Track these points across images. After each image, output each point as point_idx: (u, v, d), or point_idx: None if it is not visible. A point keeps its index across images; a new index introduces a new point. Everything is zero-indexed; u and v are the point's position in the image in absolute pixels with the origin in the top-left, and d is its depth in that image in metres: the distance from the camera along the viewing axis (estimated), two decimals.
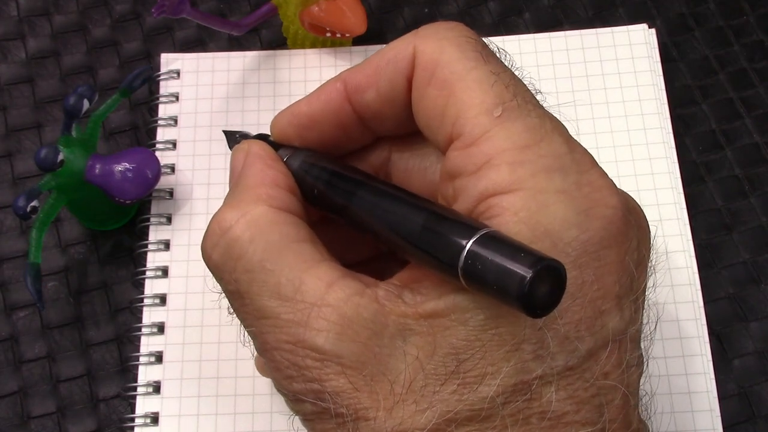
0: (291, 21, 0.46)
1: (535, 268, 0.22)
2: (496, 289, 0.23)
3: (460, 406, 0.25)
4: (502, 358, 0.25)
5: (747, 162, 0.44)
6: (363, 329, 0.26)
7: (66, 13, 0.49)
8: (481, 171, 0.26)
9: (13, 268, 0.43)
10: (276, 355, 0.27)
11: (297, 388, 0.26)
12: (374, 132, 0.31)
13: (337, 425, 0.26)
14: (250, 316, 0.27)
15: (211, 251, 0.29)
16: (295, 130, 0.31)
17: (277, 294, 0.27)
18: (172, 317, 0.41)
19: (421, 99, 0.28)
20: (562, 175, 0.26)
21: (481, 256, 0.23)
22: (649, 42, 0.46)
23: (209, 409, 0.39)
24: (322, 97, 0.30)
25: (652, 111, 0.45)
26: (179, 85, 0.46)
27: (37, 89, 0.47)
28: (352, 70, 0.30)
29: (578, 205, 0.26)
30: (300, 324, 0.26)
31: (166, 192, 0.44)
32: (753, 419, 0.39)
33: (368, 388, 0.26)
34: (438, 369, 0.25)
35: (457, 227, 0.25)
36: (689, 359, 0.40)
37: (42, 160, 0.39)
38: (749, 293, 0.42)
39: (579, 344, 0.26)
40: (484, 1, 0.49)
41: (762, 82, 0.46)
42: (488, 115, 0.26)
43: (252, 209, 0.28)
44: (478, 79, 0.27)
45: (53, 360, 0.41)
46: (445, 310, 0.25)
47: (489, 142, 0.26)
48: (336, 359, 0.26)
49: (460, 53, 0.28)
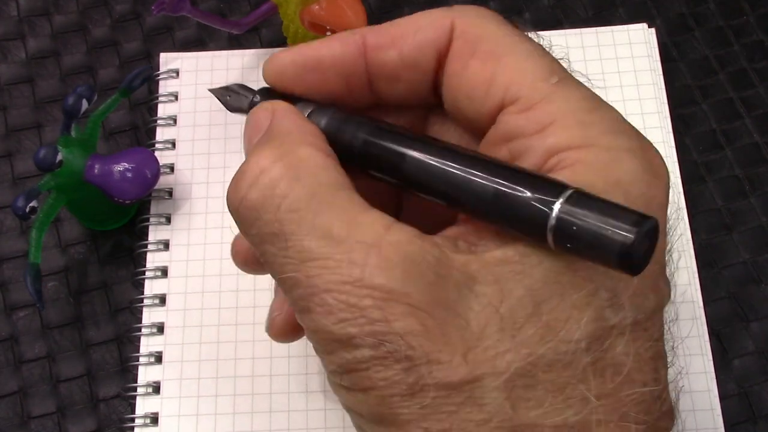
0: (291, 20, 0.45)
1: (641, 227, 0.22)
2: (592, 249, 0.23)
3: (542, 350, 0.24)
4: (583, 302, 0.24)
5: (747, 162, 0.44)
6: (429, 272, 0.24)
7: (66, 13, 0.49)
8: (548, 129, 0.26)
9: (13, 268, 0.43)
10: (327, 298, 0.24)
11: (353, 332, 0.24)
12: (377, 95, 0.30)
13: (404, 370, 0.24)
14: (294, 259, 0.25)
15: (247, 191, 0.26)
16: (296, 71, 0.29)
17: (329, 234, 0.25)
18: (172, 317, 0.41)
19: (463, 70, 0.28)
20: (628, 137, 0.27)
21: (575, 215, 0.23)
22: (649, 41, 0.46)
23: (209, 409, 0.39)
24: (336, 44, 0.29)
25: (652, 110, 0.45)
26: (178, 84, 0.46)
27: (37, 89, 0.47)
28: (373, 29, 0.29)
29: (645, 164, 0.26)
30: (357, 263, 0.24)
31: (165, 192, 0.44)
32: (753, 419, 0.39)
33: (440, 330, 0.24)
34: (514, 312, 0.24)
35: (540, 184, 0.24)
36: (690, 358, 0.40)
37: (41, 161, 0.39)
38: (749, 293, 0.42)
39: (645, 301, 0.26)
40: (484, 1, 0.49)
41: (762, 82, 0.46)
42: (545, 82, 0.27)
43: (296, 149, 0.27)
44: (528, 51, 0.28)
45: (53, 360, 0.41)
46: (515, 255, 0.25)
47: (552, 104, 0.27)
48: (404, 298, 0.24)
49: (503, 30, 0.28)
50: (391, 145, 0.28)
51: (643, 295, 0.26)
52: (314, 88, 0.30)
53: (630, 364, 0.25)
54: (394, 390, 0.24)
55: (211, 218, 0.43)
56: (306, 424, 0.39)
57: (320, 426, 0.39)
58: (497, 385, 0.24)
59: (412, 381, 0.24)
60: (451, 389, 0.24)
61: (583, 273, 0.25)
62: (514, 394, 0.24)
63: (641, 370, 0.25)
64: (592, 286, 0.25)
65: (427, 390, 0.24)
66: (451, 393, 0.24)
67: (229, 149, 0.44)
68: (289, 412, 0.39)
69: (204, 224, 0.43)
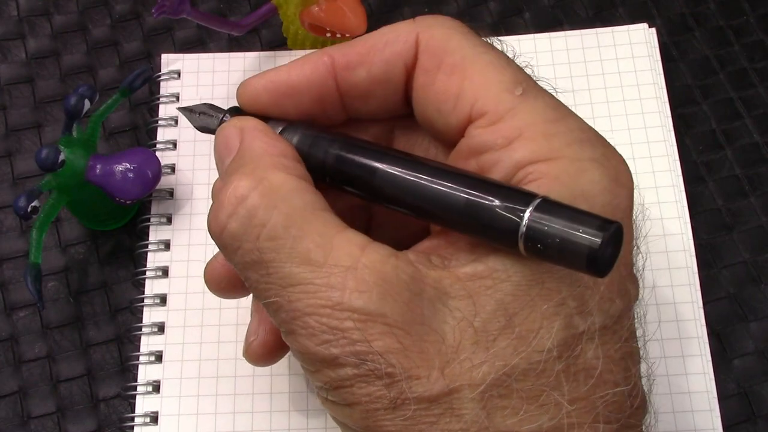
0: (291, 21, 0.46)
1: (607, 230, 0.23)
2: (561, 254, 0.23)
3: (516, 360, 0.25)
4: (552, 312, 0.25)
5: (747, 162, 0.44)
6: (404, 290, 0.25)
7: (66, 13, 0.49)
8: (515, 143, 0.27)
9: (13, 268, 0.43)
10: (310, 321, 0.26)
11: (336, 352, 0.25)
12: (350, 112, 0.31)
13: (385, 386, 0.25)
14: (275, 285, 0.26)
15: (227, 221, 0.27)
16: (270, 97, 0.30)
17: (307, 260, 0.26)
18: (172, 317, 0.41)
19: (430, 84, 0.29)
20: (592, 146, 0.27)
21: (544, 221, 0.24)
22: (650, 41, 0.46)
23: (209, 408, 0.39)
24: (306, 67, 0.30)
25: (652, 110, 0.45)
26: (180, 85, 0.46)
27: (37, 89, 0.47)
28: (341, 47, 0.30)
29: (609, 173, 0.27)
30: (336, 287, 0.25)
31: (166, 192, 0.44)
32: (753, 419, 0.39)
33: (417, 347, 0.25)
34: (488, 325, 0.25)
35: (510, 194, 0.25)
36: (689, 359, 0.40)
37: (43, 160, 0.39)
38: (749, 293, 0.42)
39: (611, 306, 0.26)
40: (484, 1, 0.49)
41: (762, 82, 0.46)
42: (510, 93, 0.27)
43: (270, 176, 0.27)
44: (492, 62, 0.28)
45: (53, 360, 0.41)
46: (485, 270, 0.26)
47: (518, 117, 0.27)
48: (381, 319, 0.25)
49: (467, 40, 0.29)
50: (363, 160, 0.28)
51: (610, 300, 0.26)
52: (289, 112, 0.30)
53: (601, 366, 0.26)
54: (377, 405, 0.25)
55: None
56: (306, 424, 0.39)
57: (320, 426, 0.39)
58: (474, 396, 0.25)
59: (394, 396, 0.25)
60: (431, 402, 0.25)
61: (550, 284, 0.26)
62: (490, 403, 0.25)
63: (612, 371, 0.26)
64: (560, 296, 0.26)
65: (408, 403, 0.25)
66: (430, 405, 0.25)
67: None
68: (289, 412, 0.39)
69: (205, 225, 0.43)
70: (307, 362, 0.27)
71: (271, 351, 0.33)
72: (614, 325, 0.27)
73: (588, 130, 0.28)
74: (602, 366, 0.26)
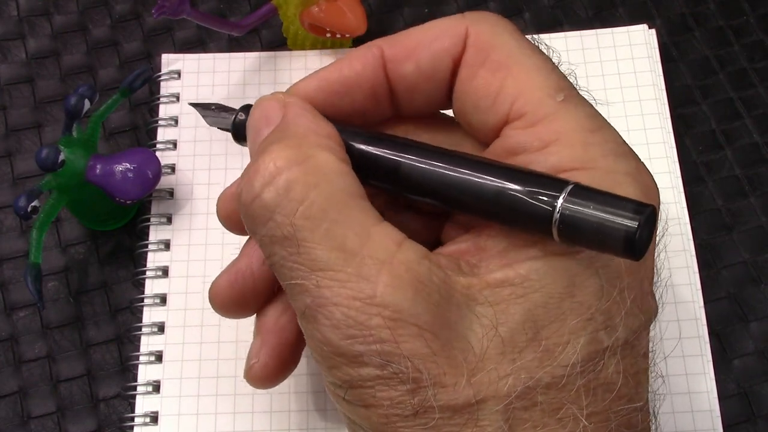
0: (291, 21, 0.46)
1: (643, 214, 0.23)
2: (596, 238, 0.23)
3: (540, 374, 0.25)
4: (580, 327, 0.25)
5: (747, 162, 0.44)
6: (435, 293, 0.25)
7: (66, 13, 0.49)
8: (551, 147, 0.27)
9: (13, 268, 0.43)
10: (336, 312, 0.24)
11: (360, 350, 0.24)
12: (398, 107, 0.31)
13: (409, 391, 0.24)
14: (304, 266, 0.25)
15: (262, 189, 0.26)
16: (324, 97, 0.29)
17: (342, 246, 0.25)
18: (172, 317, 0.41)
19: (472, 79, 0.28)
20: (626, 159, 0.27)
21: (578, 206, 0.24)
22: (649, 42, 0.46)
23: (209, 408, 0.39)
24: (356, 63, 0.29)
25: (652, 111, 0.45)
26: (180, 85, 0.46)
27: (37, 89, 0.47)
28: (388, 40, 0.29)
29: (640, 188, 0.27)
30: (370, 280, 0.24)
31: (166, 192, 0.44)
32: (753, 419, 0.39)
33: (445, 353, 0.24)
34: (515, 336, 0.25)
35: (542, 181, 0.25)
36: (689, 359, 0.40)
37: (43, 160, 0.39)
38: (749, 293, 0.42)
39: (635, 321, 0.26)
40: (484, 1, 0.49)
41: (762, 82, 0.46)
42: (551, 98, 0.27)
43: (316, 153, 0.26)
44: (537, 65, 0.28)
45: (53, 360, 0.41)
46: (517, 277, 0.25)
47: (556, 122, 0.27)
48: (413, 319, 0.24)
49: (515, 40, 0.29)
50: (391, 150, 0.28)
51: (634, 315, 0.26)
52: (344, 110, 0.30)
53: (621, 381, 0.26)
54: (397, 410, 0.24)
55: (212, 219, 0.43)
56: (306, 424, 0.39)
57: (321, 426, 0.39)
58: (499, 408, 0.24)
59: (417, 402, 0.24)
60: (455, 411, 0.24)
61: (581, 298, 0.25)
62: (512, 416, 0.25)
63: (628, 386, 0.26)
64: (590, 311, 0.25)
65: (431, 412, 0.24)
66: (453, 415, 0.24)
67: (231, 151, 0.44)
68: (290, 412, 0.39)
69: (205, 225, 0.43)
70: (324, 355, 0.25)
71: (273, 374, 0.32)
72: (634, 340, 0.26)
73: (623, 144, 0.28)
74: (621, 380, 0.26)
